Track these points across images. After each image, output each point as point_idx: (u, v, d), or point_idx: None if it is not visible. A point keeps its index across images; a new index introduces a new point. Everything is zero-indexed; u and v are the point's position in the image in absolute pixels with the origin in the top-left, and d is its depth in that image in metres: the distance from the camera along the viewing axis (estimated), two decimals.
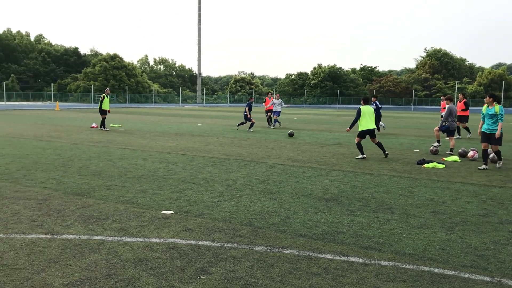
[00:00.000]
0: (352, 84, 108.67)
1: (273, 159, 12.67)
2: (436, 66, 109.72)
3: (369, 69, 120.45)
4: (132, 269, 4.62)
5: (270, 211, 7.01)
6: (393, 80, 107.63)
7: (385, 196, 8.17)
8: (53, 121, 27.94)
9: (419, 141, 18.82)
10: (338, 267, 4.78)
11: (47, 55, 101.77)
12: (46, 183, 8.81)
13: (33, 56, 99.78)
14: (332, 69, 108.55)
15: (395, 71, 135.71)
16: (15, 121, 27.32)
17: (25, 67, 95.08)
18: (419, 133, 22.83)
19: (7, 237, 5.56)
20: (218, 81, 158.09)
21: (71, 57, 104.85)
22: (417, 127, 28.18)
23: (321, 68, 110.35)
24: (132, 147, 14.86)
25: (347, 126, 27.17)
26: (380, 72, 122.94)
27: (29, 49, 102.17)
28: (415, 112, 59.73)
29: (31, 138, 17.12)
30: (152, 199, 7.64)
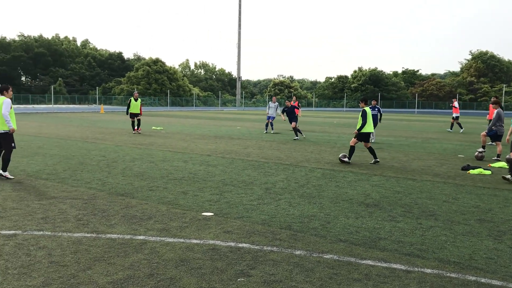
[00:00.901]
0: (394, 88, 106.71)
1: (313, 163, 12.59)
2: (482, 69, 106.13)
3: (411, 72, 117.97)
4: (173, 269, 4.69)
5: (310, 215, 6.97)
6: (436, 84, 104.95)
7: (428, 202, 7.97)
8: (98, 123, 28.81)
9: (464, 146, 18.26)
10: (379, 273, 4.69)
11: (93, 59, 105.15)
12: (91, 183, 9.09)
13: (79, 60, 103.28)
14: (373, 72, 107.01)
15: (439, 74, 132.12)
16: (62, 123, 28.34)
17: (72, 71, 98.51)
18: (463, 138, 22.15)
19: (55, 235, 5.76)
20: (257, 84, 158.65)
21: (115, 62, 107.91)
22: (462, 132, 27.34)
23: (362, 71, 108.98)
24: (173, 149, 15.12)
25: (389, 130, 26.73)
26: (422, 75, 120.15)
27: (76, 53, 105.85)
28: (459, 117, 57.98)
29: (77, 139, 17.71)
30: (193, 200, 7.75)
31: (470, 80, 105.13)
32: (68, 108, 59.94)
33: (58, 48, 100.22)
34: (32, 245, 5.33)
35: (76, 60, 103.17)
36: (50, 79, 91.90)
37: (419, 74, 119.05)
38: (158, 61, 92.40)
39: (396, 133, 25.15)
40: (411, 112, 75.17)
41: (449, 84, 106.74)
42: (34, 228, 6.01)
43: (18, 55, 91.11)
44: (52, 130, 22.17)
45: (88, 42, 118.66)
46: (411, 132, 25.81)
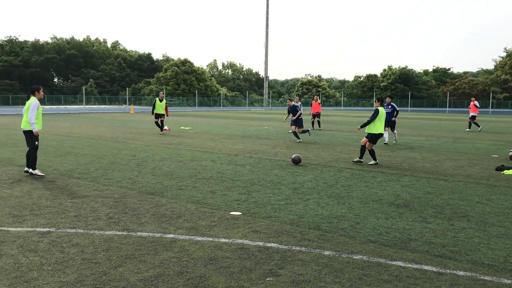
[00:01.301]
0: (425, 86, 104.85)
1: (341, 163, 12.49)
2: None
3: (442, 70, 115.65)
4: (202, 267, 4.73)
5: (339, 215, 6.91)
6: (469, 82, 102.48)
7: (461, 203, 7.80)
8: (128, 123, 29.30)
9: (498, 146, 17.78)
10: (410, 275, 4.62)
11: (123, 60, 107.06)
12: (122, 182, 9.25)
13: (109, 61, 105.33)
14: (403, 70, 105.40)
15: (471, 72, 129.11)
16: (93, 123, 28.95)
17: (103, 72, 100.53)
18: (497, 138, 21.58)
19: (87, 232, 5.89)
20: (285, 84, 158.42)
21: (144, 63, 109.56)
22: (495, 131, 26.64)
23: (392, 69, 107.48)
24: (202, 149, 15.24)
25: (420, 130, 26.27)
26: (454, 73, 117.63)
27: (106, 55, 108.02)
28: (493, 116, 56.46)
29: (108, 139, 18.05)
30: (221, 200, 7.79)
31: (505, 78, 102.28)
32: (99, 109, 61.19)
33: (89, 49, 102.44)
34: (65, 242, 5.47)
35: (106, 61, 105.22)
36: (82, 80, 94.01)
37: (451, 73, 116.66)
38: (187, 62, 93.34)
39: (426, 132, 24.69)
40: (442, 111, 73.64)
41: (482, 82, 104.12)
42: (67, 226, 6.16)
43: (51, 57, 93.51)
44: (84, 130, 22.67)
45: (118, 44, 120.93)
46: (442, 132, 25.29)
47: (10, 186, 8.72)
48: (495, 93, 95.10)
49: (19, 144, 15.81)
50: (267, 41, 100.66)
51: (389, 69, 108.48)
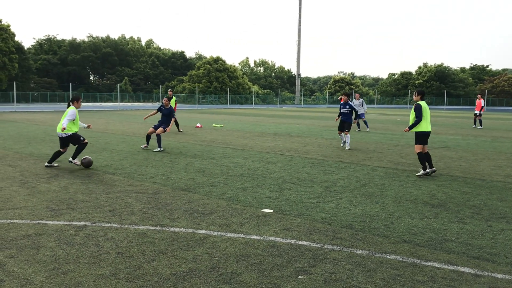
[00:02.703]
0: (461, 84, 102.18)
1: (375, 161, 12.30)
2: None
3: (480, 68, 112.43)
4: (234, 263, 4.75)
5: (372, 214, 6.81)
6: (508, 80, 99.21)
7: (499, 204, 7.56)
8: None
9: None
10: (446, 276, 4.50)
11: (156, 58, 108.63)
12: (155, 178, 9.39)
13: (143, 59, 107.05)
14: (439, 68, 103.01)
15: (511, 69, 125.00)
16: (127, 120, 29.49)
17: (137, 70, 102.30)
18: None
19: (121, 227, 6.00)
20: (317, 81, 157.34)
21: (177, 60, 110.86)
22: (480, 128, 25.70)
23: (427, 67, 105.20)
24: (233, 146, 15.30)
25: (456, 129, 25.63)
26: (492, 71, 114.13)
27: (140, 53, 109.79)
28: None
29: (141, 136, 18.34)
30: (253, 197, 7.80)
31: None
32: (133, 106, 62.31)
33: (124, 48, 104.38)
34: (100, 236, 5.58)
35: (140, 59, 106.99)
36: (117, 78, 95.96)
37: (489, 70, 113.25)
38: (219, 60, 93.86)
39: (463, 131, 24.06)
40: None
41: None
42: (102, 220, 6.29)
43: (87, 55, 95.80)
44: (118, 127, 23.12)
45: (152, 42, 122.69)
46: (479, 131, 24.58)
47: (48, 181, 8.97)
48: None
49: (56, 140, 16.27)
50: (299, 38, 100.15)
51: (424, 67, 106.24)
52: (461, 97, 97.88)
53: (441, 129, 25.47)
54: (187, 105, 70.73)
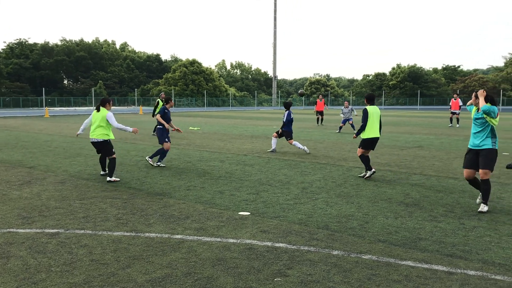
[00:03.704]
0: (434, 84, 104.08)
1: (350, 162, 12.41)
2: None
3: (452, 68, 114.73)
4: (210, 268, 4.71)
5: (348, 215, 6.86)
6: (479, 80, 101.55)
7: (471, 202, 7.71)
8: (137, 124, 29.39)
9: (509, 143, 17.59)
10: (420, 274, 4.56)
11: (131, 61, 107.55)
12: (130, 183, 9.27)
13: (118, 63, 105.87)
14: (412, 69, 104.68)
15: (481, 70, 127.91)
16: None
17: (111, 73, 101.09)
18: (508, 135, 21.35)
19: (95, 233, 5.90)
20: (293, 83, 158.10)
21: (153, 63, 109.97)
22: (506, 129, 26.36)
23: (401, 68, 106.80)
24: (210, 149, 15.24)
25: (428, 128, 26.08)
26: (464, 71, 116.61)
27: (115, 56, 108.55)
28: (503, 113, 55.91)
29: (116, 140, 18.11)
30: (229, 200, 7.77)
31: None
32: None
33: (98, 51, 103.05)
34: (74, 243, 5.48)
35: (115, 62, 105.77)
36: (91, 81, 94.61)
37: (460, 70, 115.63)
38: (195, 62, 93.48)
39: (436, 131, 24.51)
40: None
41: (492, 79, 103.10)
42: (76, 227, 6.17)
43: (60, 59, 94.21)
44: None
45: (127, 45, 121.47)
46: (452, 130, 25.08)
47: (19, 188, 8.77)
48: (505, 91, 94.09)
49: (29, 146, 15.95)
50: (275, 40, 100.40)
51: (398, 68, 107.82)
52: (434, 97, 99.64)
53: (414, 128, 25.90)
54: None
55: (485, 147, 7.06)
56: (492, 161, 7.03)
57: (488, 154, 7.03)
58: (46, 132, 22.16)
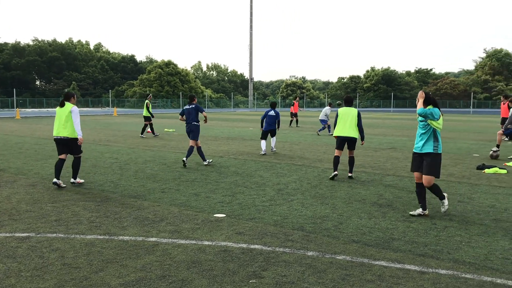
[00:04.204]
0: (407, 87, 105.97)
1: (325, 163, 12.52)
2: (497, 67, 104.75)
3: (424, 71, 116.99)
4: (185, 271, 4.69)
5: (322, 216, 6.92)
6: (450, 83, 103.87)
7: None
8: (111, 126, 29.02)
9: (479, 145, 18.02)
10: (393, 274, 4.63)
11: (106, 62, 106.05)
12: (104, 185, 9.14)
13: (92, 64, 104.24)
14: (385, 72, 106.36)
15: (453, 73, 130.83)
16: None
17: (85, 74, 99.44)
18: (478, 137, 21.88)
19: (67, 237, 5.80)
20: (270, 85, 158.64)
21: (128, 65, 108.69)
22: (477, 131, 27.02)
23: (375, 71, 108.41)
24: (186, 151, 15.13)
25: (401, 130, 26.52)
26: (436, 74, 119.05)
27: (89, 57, 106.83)
28: (474, 115, 57.29)
29: (90, 142, 17.83)
30: (205, 202, 7.74)
31: (485, 78, 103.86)
32: (81, 111, 60.42)
33: (72, 52, 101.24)
34: (45, 248, 5.37)
35: (89, 63, 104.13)
36: (64, 82, 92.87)
37: (433, 73, 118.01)
38: (170, 63, 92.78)
39: (409, 132, 24.93)
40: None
41: (463, 82, 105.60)
42: (47, 231, 6.05)
43: (32, 59, 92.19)
44: None
45: (101, 46, 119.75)
46: None
47: None
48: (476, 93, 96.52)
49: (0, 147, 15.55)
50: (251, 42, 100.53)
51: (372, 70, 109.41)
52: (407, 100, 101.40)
53: (388, 130, 26.29)
54: (138, 110, 69.42)
55: (427, 151, 6.77)
56: (434, 167, 6.72)
57: (431, 160, 6.72)
58: (17, 134, 21.67)
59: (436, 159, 6.76)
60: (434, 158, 6.75)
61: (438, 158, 6.77)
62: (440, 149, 6.78)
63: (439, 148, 6.76)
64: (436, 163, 6.75)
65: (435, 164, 6.74)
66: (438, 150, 6.75)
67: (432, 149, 6.75)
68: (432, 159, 6.74)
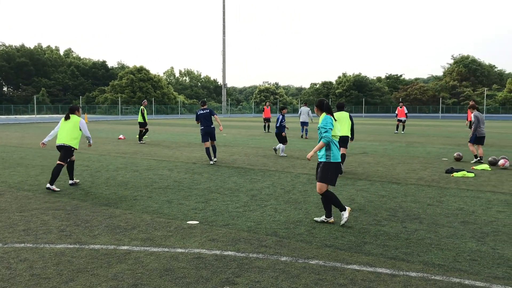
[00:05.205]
0: (378, 93, 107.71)
1: (298, 168, 12.60)
2: (464, 73, 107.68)
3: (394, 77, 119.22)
4: (157, 279, 4.64)
5: (296, 221, 6.96)
6: (420, 88, 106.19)
7: (413, 206, 8.02)
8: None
9: (447, 149, 18.46)
10: (365, 278, 4.69)
11: (76, 68, 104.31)
12: (74, 194, 8.97)
13: (62, 70, 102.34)
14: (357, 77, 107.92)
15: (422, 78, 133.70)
16: (45, 133, 27.99)
17: (55, 80, 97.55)
18: (447, 142, 22.41)
19: (36, 247, 5.66)
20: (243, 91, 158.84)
21: (99, 70, 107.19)
22: (445, 135, 27.67)
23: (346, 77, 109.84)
24: (158, 157, 15.01)
25: (372, 135, 26.94)
26: (406, 80, 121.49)
27: (59, 63, 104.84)
28: (443, 120, 58.67)
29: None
30: (178, 209, 7.69)
31: (453, 84, 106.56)
32: (51, 118, 59.22)
33: (41, 57, 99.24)
34: (12, 258, 5.23)
35: (59, 69, 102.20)
36: (33, 89, 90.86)
37: (403, 79, 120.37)
38: (142, 69, 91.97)
39: (380, 137, 25.34)
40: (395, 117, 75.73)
41: (432, 88, 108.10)
42: (15, 241, 5.90)
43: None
44: (35, 141, 21.88)
45: (71, 51, 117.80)
46: (395, 137, 26.02)
47: None
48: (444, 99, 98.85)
49: None
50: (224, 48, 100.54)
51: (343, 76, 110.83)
52: (378, 105, 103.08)
53: (360, 136, 26.66)
54: (110, 116, 68.45)
55: (320, 160, 6.78)
56: (324, 173, 6.68)
57: (322, 167, 6.71)
58: None
59: (328, 166, 6.70)
60: (324, 166, 6.71)
61: (330, 166, 6.70)
62: (333, 158, 6.69)
63: (332, 157, 6.68)
64: (326, 170, 6.69)
65: (326, 171, 6.69)
66: (330, 159, 6.69)
67: (325, 157, 6.72)
68: (323, 166, 6.72)
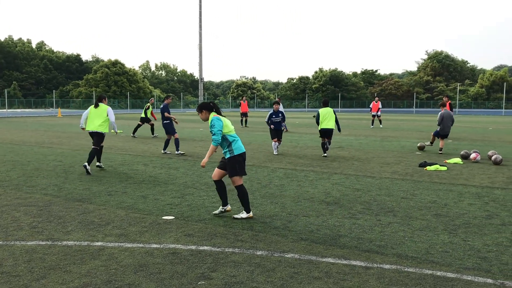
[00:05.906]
0: (354, 88, 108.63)
1: (275, 163, 12.64)
2: (438, 69, 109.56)
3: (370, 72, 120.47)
4: (132, 275, 4.59)
5: (272, 215, 6.98)
6: (395, 83, 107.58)
7: (387, 199, 8.13)
8: (55, 127, 27.99)
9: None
10: (339, 271, 4.74)
11: (49, 62, 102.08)
12: (47, 189, 8.80)
13: (34, 63, 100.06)
14: (333, 72, 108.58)
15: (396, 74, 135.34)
16: (17, 128, 27.37)
17: (27, 74, 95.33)
18: (421, 136, 22.78)
19: (6, 244, 5.53)
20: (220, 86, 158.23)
21: (73, 64, 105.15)
22: (419, 129, 28.13)
23: (322, 72, 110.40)
24: (133, 152, 14.85)
25: (349, 130, 27.21)
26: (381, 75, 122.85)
27: (31, 56, 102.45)
28: (417, 115, 59.63)
29: (32, 144, 17.13)
30: (153, 204, 7.62)
31: (427, 79, 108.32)
32: (23, 113, 57.96)
33: (12, 50, 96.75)
34: None
35: (31, 62, 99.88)
36: (4, 82, 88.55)
37: (378, 74, 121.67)
38: (117, 63, 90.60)
39: (356, 132, 25.61)
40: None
41: (406, 83, 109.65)
42: None
43: None
44: (6, 135, 21.38)
45: (44, 44, 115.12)
46: (370, 131, 26.33)
47: None
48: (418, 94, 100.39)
49: None
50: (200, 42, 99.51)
51: (320, 71, 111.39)
52: (354, 100, 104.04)
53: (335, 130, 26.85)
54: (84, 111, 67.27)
55: (226, 156, 6.91)
56: (233, 168, 6.83)
57: (229, 163, 6.85)
58: None
59: (235, 160, 6.82)
60: (230, 160, 6.82)
61: (236, 159, 6.82)
62: (237, 151, 6.83)
63: (235, 151, 6.81)
64: (234, 164, 6.82)
65: (233, 165, 6.81)
66: (234, 153, 6.81)
67: (229, 154, 6.85)
68: (230, 162, 6.82)
